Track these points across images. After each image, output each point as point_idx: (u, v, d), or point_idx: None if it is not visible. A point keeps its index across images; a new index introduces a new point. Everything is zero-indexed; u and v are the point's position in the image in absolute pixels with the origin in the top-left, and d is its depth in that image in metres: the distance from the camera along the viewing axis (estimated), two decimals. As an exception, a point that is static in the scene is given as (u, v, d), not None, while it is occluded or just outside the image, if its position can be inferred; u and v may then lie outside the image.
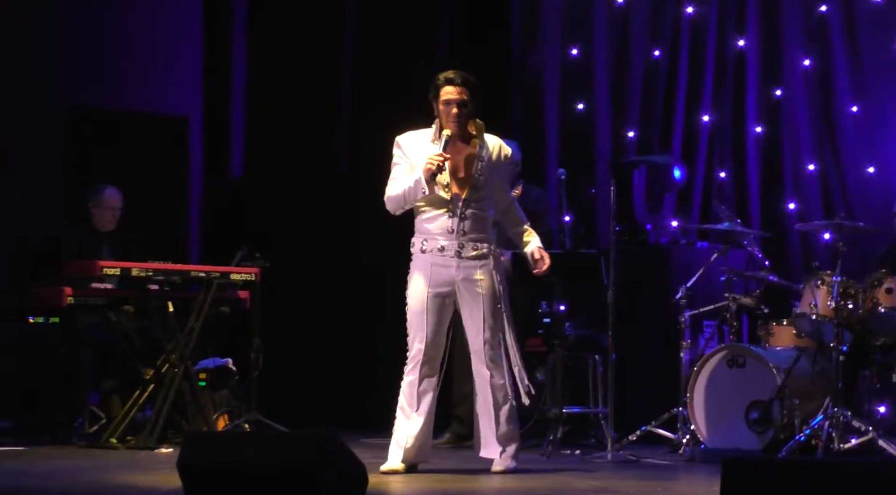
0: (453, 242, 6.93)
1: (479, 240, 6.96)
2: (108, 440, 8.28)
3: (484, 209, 6.99)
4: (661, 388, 8.96)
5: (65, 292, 8.33)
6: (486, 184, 6.98)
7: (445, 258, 6.94)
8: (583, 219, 9.67)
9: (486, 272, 6.95)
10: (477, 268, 6.94)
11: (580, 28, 10.37)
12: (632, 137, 10.21)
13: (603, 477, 7.12)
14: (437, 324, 6.96)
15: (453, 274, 6.93)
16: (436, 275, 6.94)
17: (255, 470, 5.37)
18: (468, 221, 6.94)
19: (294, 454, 5.36)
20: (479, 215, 6.97)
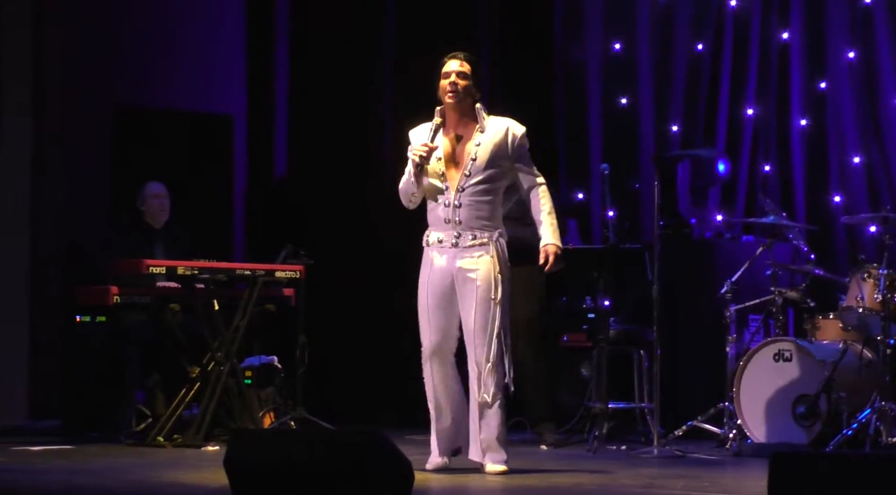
0: (450, 233, 6.76)
1: (478, 229, 6.75)
2: (155, 438, 8.33)
3: (485, 195, 6.76)
4: (706, 383, 8.95)
5: (111, 291, 8.39)
6: (484, 168, 6.75)
7: (444, 249, 6.77)
8: (627, 213, 9.65)
9: (483, 262, 6.72)
10: (475, 257, 6.74)
11: (623, 22, 10.36)
12: (675, 131, 10.19)
13: (649, 472, 7.11)
14: (443, 316, 6.79)
15: (452, 265, 6.76)
16: (437, 267, 6.79)
17: (301, 468, 5.40)
18: (463, 209, 6.74)
19: (340, 451, 5.37)
20: (478, 202, 6.75)
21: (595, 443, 8.13)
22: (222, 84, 10.73)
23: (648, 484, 6.59)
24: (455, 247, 6.75)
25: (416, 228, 9.05)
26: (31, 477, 6.78)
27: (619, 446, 8.22)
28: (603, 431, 8.21)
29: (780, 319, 8.38)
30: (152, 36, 10.42)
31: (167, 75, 10.47)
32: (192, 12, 10.60)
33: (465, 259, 6.74)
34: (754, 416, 8.13)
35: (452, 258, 6.75)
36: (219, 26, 10.69)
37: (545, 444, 8.57)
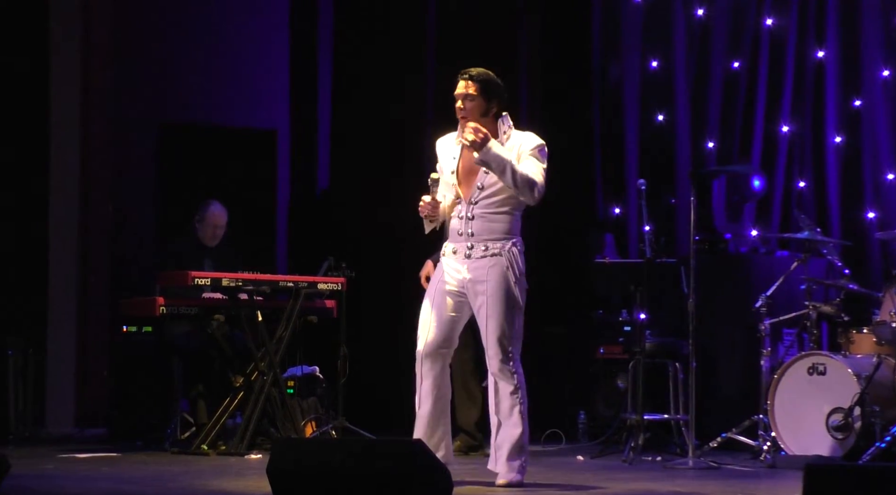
0: (462, 244, 6.74)
1: (491, 240, 6.71)
2: (199, 446, 8.43)
3: (499, 207, 6.72)
4: (741, 396, 9.00)
5: (157, 302, 8.51)
6: (497, 181, 6.68)
7: (458, 260, 6.75)
8: (663, 228, 9.71)
9: (495, 273, 6.67)
10: (486, 268, 6.68)
11: (660, 40, 10.43)
12: (711, 148, 10.25)
13: (684, 483, 7.16)
14: (445, 322, 6.76)
15: (464, 276, 6.73)
16: (448, 277, 6.77)
17: (343, 477, 5.49)
18: (476, 221, 6.72)
19: (381, 461, 5.46)
20: (491, 215, 6.72)
21: (631, 454, 8.19)
22: (266, 100, 10.85)
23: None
24: (468, 258, 6.73)
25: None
26: (77, 485, 6.91)
27: (655, 457, 8.27)
28: (639, 442, 8.27)
29: (815, 333, 8.41)
30: (197, 53, 10.56)
31: (212, 91, 10.59)
32: (237, 29, 10.72)
33: (477, 271, 6.71)
34: (788, 429, 8.17)
35: (465, 269, 6.73)
36: (262, 43, 10.81)
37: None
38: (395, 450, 5.47)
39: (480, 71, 6.87)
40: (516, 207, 6.79)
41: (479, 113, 6.78)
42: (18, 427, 9.53)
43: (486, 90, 6.79)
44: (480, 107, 6.78)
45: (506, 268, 6.69)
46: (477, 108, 6.78)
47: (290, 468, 5.62)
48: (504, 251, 6.71)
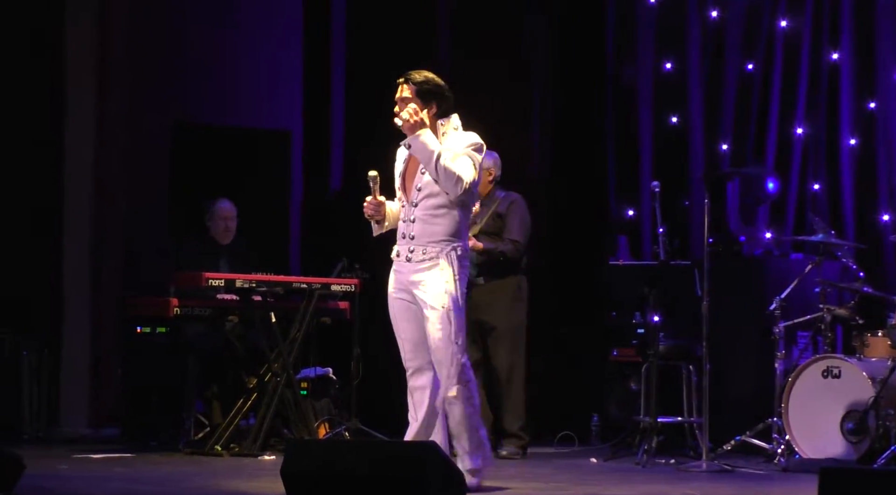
0: (405, 247, 6.66)
1: (431, 243, 6.60)
2: (212, 447, 8.45)
3: (437, 209, 6.61)
4: (755, 399, 9.00)
5: (172, 303, 8.53)
6: (435, 184, 6.60)
7: (401, 263, 6.68)
8: (676, 230, 9.70)
9: (433, 276, 6.57)
10: (425, 271, 6.60)
11: (674, 42, 10.43)
12: (725, 150, 10.25)
13: (698, 486, 7.18)
14: (410, 329, 6.69)
15: (407, 279, 6.66)
16: (397, 281, 6.72)
17: (357, 479, 5.51)
18: (416, 224, 6.63)
19: (395, 462, 5.48)
20: (430, 217, 6.61)
21: (644, 457, 8.20)
22: (280, 101, 10.86)
23: (696, 498, 6.69)
24: (409, 261, 6.64)
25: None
26: (92, 485, 6.94)
27: (668, 460, 8.27)
28: (652, 445, 8.27)
29: (829, 336, 8.41)
30: (211, 53, 10.58)
31: (226, 92, 10.62)
32: (251, 30, 10.74)
33: (417, 273, 6.61)
34: (803, 432, 8.17)
35: (408, 272, 6.65)
36: (276, 44, 10.83)
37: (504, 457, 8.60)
38: (409, 452, 5.50)
39: (419, 73, 6.78)
40: (456, 206, 6.64)
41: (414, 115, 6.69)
42: (33, 427, 9.56)
43: (422, 92, 6.70)
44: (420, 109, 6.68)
45: (443, 270, 6.57)
46: (414, 110, 6.68)
47: (304, 470, 5.64)
48: (442, 254, 6.60)
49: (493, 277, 8.75)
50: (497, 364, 8.74)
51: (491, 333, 8.75)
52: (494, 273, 8.75)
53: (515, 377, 8.73)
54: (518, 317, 8.78)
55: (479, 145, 6.70)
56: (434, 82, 6.76)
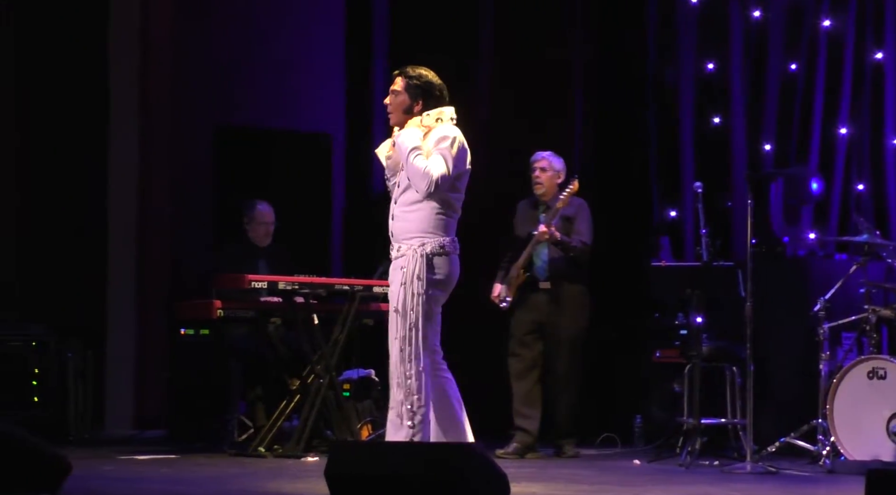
0: (392, 246, 6.62)
1: (405, 239, 6.53)
2: (256, 448, 8.48)
3: (414, 204, 6.53)
4: (799, 400, 8.94)
5: (215, 305, 8.58)
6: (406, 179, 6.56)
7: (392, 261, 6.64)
8: (719, 231, 9.68)
9: (396, 275, 6.51)
10: (395, 269, 6.54)
11: (716, 42, 10.39)
12: (768, 150, 10.20)
13: (742, 488, 7.15)
14: None
15: (390, 277, 6.63)
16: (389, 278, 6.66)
17: (400, 480, 5.51)
18: (396, 221, 6.60)
19: (437, 464, 5.48)
20: (407, 214, 6.55)
21: (688, 459, 8.18)
22: (321, 104, 10.90)
23: (741, 500, 6.67)
24: (393, 259, 6.61)
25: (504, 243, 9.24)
26: (137, 486, 6.97)
27: (712, 462, 8.25)
28: (696, 447, 8.26)
29: (874, 337, 8.35)
30: (254, 57, 10.63)
31: (268, 95, 10.66)
32: (292, 34, 10.78)
33: (392, 272, 6.58)
34: (848, 433, 8.12)
35: (392, 270, 6.61)
36: (318, 47, 10.87)
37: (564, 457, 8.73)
38: (452, 453, 5.49)
39: (414, 69, 6.76)
40: (436, 202, 6.54)
41: (402, 109, 6.67)
42: (78, 428, 9.61)
43: (412, 88, 6.67)
44: (404, 103, 6.67)
45: (401, 270, 6.50)
46: (401, 104, 6.68)
47: (348, 471, 5.65)
48: (409, 251, 6.51)
49: (558, 282, 8.83)
50: (557, 367, 8.89)
51: (552, 337, 8.89)
52: (560, 278, 8.83)
53: (573, 381, 8.88)
54: (580, 324, 8.91)
55: (447, 137, 6.58)
56: (426, 79, 6.72)
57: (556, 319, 8.87)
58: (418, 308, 6.45)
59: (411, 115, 6.67)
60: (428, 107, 6.67)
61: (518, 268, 8.90)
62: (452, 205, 6.61)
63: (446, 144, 6.54)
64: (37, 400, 9.54)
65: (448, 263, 6.58)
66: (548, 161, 8.99)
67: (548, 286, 8.87)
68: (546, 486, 7.02)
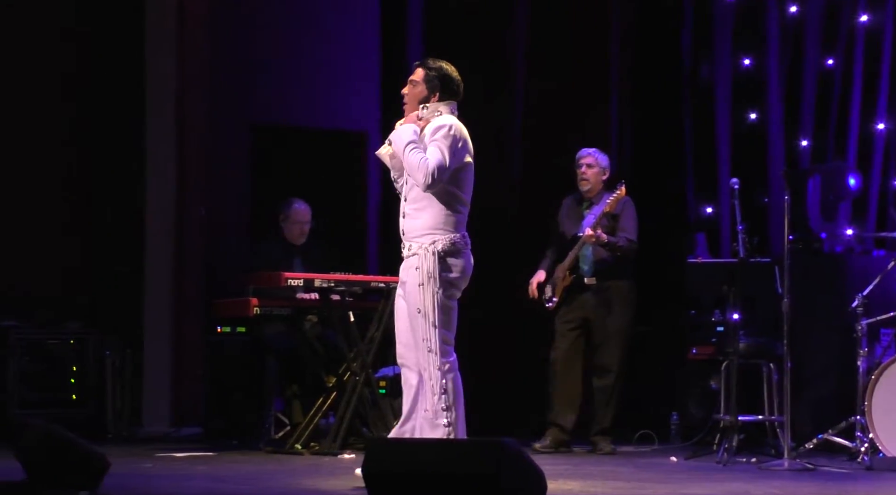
0: (403, 244, 6.61)
1: (415, 237, 6.51)
2: (293, 446, 8.52)
3: (423, 201, 6.51)
4: (837, 397, 8.90)
5: (251, 303, 8.61)
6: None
7: (402, 260, 6.63)
8: (756, 228, 9.65)
9: (411, 274, 6.49)
10: (406, 270, 6.52)
11: (752, 38, 10.37)
12: (805, 146, 10.17)
13: (780, 485, 7.11)
14: (400, 330, 6.62)
15: (401, 277, 6.62)
16: (399, 280, 6.67)
17: (437, 477, 5.52)
18: (405, 220, 6.58)
19: (475, 462, 5.48)
20: (416, 211, 6.53)
21: (725, 456, 8.16)
22: (357, 102, 10.91)
23: (779, 497, 6.64)
24: (403, 258, 6.60)
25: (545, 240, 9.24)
26: (175, 483, 7.00)
27: (749, 459, 8.23)
28: (733, 444, 8.24)
29: (913, 333, 8.34)
30: (288, 56, 10.65)
31: (303, 94, 10.68)
32: (328, 32, 10.80)
33: (403, 271, 6.57)
34: (887, 430, 8.07)
35: (401, 269, 6.62)
36: (353, 45, 10.88)
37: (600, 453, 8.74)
38: (489, 451, 5.48)
39: (435, 61, 6.75)
40: (444, 198, 6.52)
41: (418, 100, 6.67)
42: (116, 426, 9.68)
43: (431, 79, 6.66)
44: (421, 94, 6.66)
45: (420, 269, 6.47)
46: (418, 94, 6.67)
47: (385, 469, 5.66)
48: (421, 249, 6.50)
49: (604, 279, 8.86)
50: (602, 363, 8.94)
51: (598, 333, 8.95)
52: (606, 274, 8.86)
53: (617, 378, 8.92)
54: (626, 320, 8.96)
55: (448, 127, 6.53)
56: (445, 72, 6.71)
57: (603, 316, 8.93)
58: (437, 307, 6.45)
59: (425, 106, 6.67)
60: (444, 99, 6.66)
61: (564, 269, 8.94)
62: (460, 198, 6.57)
63: (441, 134, 6.50)
64: (75, 398, 9.61)
65: (461, 260, 6.57)
66: (594, 157, 9.02)
67: (593, 282, 8.91)
68: (583, 483, 7.01)
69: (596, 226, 8.75)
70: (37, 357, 9.53)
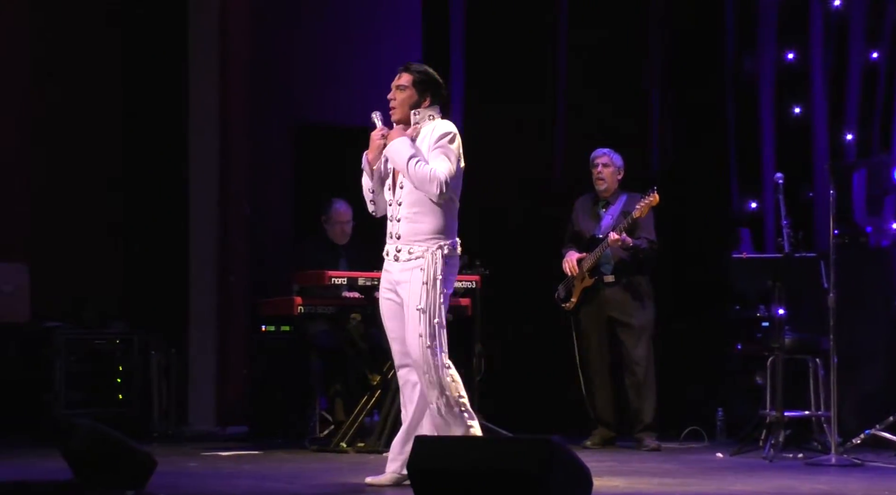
0: (392, 247, 6.60)
1: (416, 242, 6.51)
2: (338, 444, 8.54)
3: (421, 205, 6.53)
4: (884, 392, 8.85)
5: (295, 302, 8.64)
6: None
7: (389, 263, 6.62)
8: (801, 222, 9.59)
9: (415, 276, 6.48)
10: (409, 271, 6.51)
11: (796, 31, 10.30)
12: (850, 139, 10.10)
13: (827, 481, 7.08)
14: (397, 328, 6.61)
15: (394, 278, 6.60)
16: (384, 281, 6.66)
17: (482, 474, 5.51)
18: (402, 223, 6.56)
19: (520, 458, 5.47)
20: (414, 215, 6.53)
21: (772, 452, 8.13)
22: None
23: (827, 493, 6.58)
24: (396, 261, 6.58)
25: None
26: (221, 482, 7.03)
27: (796, 455, 8.20)
28: (779, 440, 8.21)
29: (960, 327, 8.27)
30: (331, 56, 10.67)
31: (346, 93, 10.70)
32: (369, 32, 10.82)
33: (402, 273, 6.55)
34: (936, 425, 8.04)
35: (395, 272, 6.59)
36: (395, 44, 10.89)
37: (645, 450, 8.73)
38: (535, 448, 5.48)
39: (420, 65, 6.74)
40: (443, 206, 6.54)
41: (408, 104, 6.65)
42: (162, 425, 9.72)
43: (420, 83, 6.64)
44: (411, 98, 6.64)
45: (424, 270, 6.47)
46: (408, 99, 6.65)
47: (430, 466, 5.66)
48: (426, 254, 6.51)
49: (623, 276, 8.89)
50: (637, 358, 8.96)
51: (625, 330, 8.99)
52: (625, 272, 8.89)
53: (650, 371, 8.96)
54: (650, 314, 9.02)
55: (447, 134, 6.54)
56: (433, 76, 6.69)
57: (627, 312, 8.98)
58: (441, 307, 6.50)
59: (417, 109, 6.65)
60: (433, 102, 6.65)
61: (584, 271, 8.97)
62: (456, 203, 6.62)
63: (445, 141, 6.52)
64: (121, 397, 9.66)
65: (456, 265, 6.65)
66: (609, 157, 9.11)
67: (612, 280, 8.95)
68: (628, 480, 6.99)
69: (620, 229, 8.77)
70: (83, 357, 9.59)
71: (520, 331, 10.22)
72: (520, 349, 10.22)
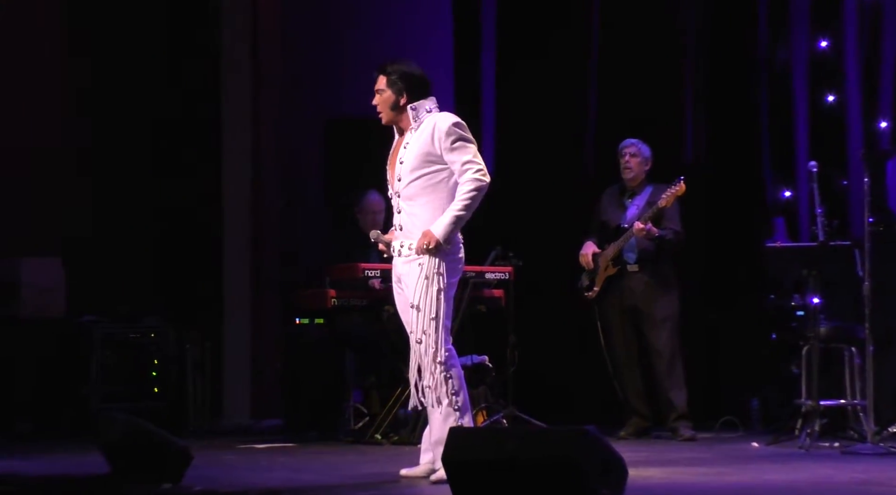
0: (397, 240, 6.60)
1: (417, 236, 6.49)
2: (372, 436, 8.56)
3: (420, 197, 6.51)
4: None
5: (329, 294, 8.65)
6: (412, 170, 6.50)
7: (395, 256, 6.63)
8: (835, 211, 9.55)
9: (414, 270, 6.48)
10: (409, 265, 6.51)
11: (829, 20, 10.25)
12: (884, 128, 10.05)
13: (864, 470, 7.05)
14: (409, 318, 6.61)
15: (398, 271, 6.61)
16: (393, 274, 6.67)
17: (517, 465, 5.52)
18: (403, 215, 6.56)
19: (555, 448, 5.47)
20: (414, 207, 6.52)
21: (808, 441, 8.10)
22: (430, 95, 10.92)
23: (865, 482, 6.55)
24: (399, 255, 6.59)
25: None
26: (257, 475, 7.05)
27: (832, 444, 8.17)
28: (815, 429, 8.18)
29: None
30: (362, 50, 10.68)
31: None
32: (401, 26, 10.82)
33: (404, 266, 6.56)
34: (972, 413, 8.00)
35: (399, 264, 6.61)
36: (426, 38, 10.88)
37: (681, 440, 8.71)
38: (569, 438, 5.47)
39: (392, 65, 6.65)
40: (442, 193, 6.52)
41: (389, 106, 6.63)
42: (197, 419, 9.76)
43: (393, 83, 6.61)
44: (390, 99, 6.63)
45: (420, 265, 6.47)
46: (387, 101, 6.64)
47: (465, 457, 5.67)
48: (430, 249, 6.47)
49: (646, 265, 8.86)
50: (660, 348, 8.95)
51: (650, 319, 8.97)
52: (649, 261, 8.86)
53: (676, 361, 8.93)
54: (675, 302, 9.00)
55: (456, 126, 6.52)
56: (405, 71, 6.63)
57: (649, 302, 8.96)
58: (440, 302, 6.46)
59: (399, 109, 6.62)
60: (414, 98, 6.61)
61: (607, 259, 8.97)
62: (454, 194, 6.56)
63: (458, 132, 6.50)
64: (156, 391, 9.70)
65: (460, 255, 6.60)
66: (637, 147, 9.10)
67: (636, 269, 8.93)
68: (664, 470, 6.98)
69: (646, 219, 8.76)
70: (118, 351, 9.63)
71: (554, 321, 10.21)
72: (554, 340, 10.22)
